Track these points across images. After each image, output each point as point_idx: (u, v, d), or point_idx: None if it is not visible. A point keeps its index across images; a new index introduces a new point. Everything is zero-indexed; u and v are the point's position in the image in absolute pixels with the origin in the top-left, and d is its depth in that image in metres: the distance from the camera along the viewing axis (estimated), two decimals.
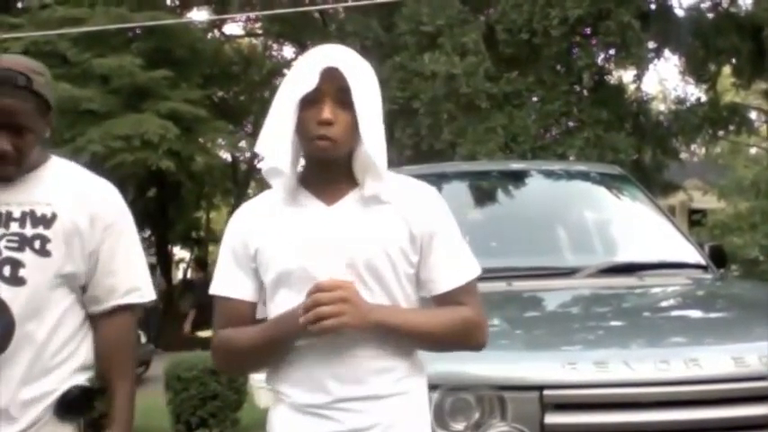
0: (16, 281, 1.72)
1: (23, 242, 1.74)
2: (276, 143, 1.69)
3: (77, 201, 1.80)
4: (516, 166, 5.53)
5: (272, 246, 1.71)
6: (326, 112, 1.64)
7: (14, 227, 1.74)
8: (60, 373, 1.77)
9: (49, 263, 1.75)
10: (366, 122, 1.67)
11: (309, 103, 1.66)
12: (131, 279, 1.86)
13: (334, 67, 1.66)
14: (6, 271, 1.72)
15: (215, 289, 1.79)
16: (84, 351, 1.82)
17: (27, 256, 1.73)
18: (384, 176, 1.71)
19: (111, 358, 1.83)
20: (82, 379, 1.79)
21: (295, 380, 1.69)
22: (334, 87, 1.66)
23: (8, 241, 1.73)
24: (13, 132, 1.73)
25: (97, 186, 1.87)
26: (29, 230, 1.74)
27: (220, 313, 1.79)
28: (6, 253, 1.73)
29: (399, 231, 1.69)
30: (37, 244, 1.74)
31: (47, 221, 1.76)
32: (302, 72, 1.68)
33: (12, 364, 1.69)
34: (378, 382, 1.66)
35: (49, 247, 1.75)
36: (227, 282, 1.77)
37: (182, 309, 13.33)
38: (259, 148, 1.74)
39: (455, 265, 1.74)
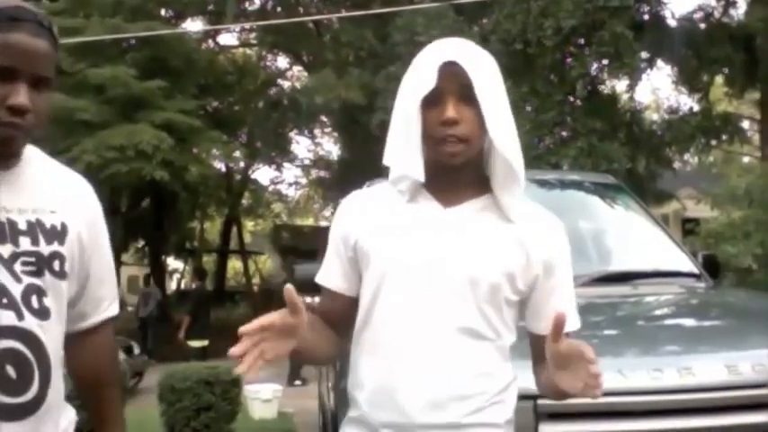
0: (43, 314, 1.41)
1: (41, 263, 1.42)
2: (405, 152, 1.57)
3: (77, 206, 1.53)
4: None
5: (374, 240, 1.58)
6: (450, 111, 1.51)
7: (26, 243, 1.41)
8: (66, 408, 1.55)
9: (63, 286, 1.46)
10: (494, 118, 1.52)
11: (431, 104, 1.53)
12: (113, 286, 1.64)
13: (454, 62, 1.52)
14: (34, 302, 1.39)
15: (318, 278, 1.70)
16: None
17: (47, 281, 1.43)
18: (521, 185, 1.58)
19: (102, 370, 1.63)
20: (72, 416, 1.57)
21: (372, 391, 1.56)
22: (455, 84, 1.52)
23: (24, 264, 1.40)
24: (31, 85, 1.38)
25: (85, 186, 1.61)
26: (44, 248, 1.43)
27: (321, 301, 1.70)
28: (27, 279, 1.39)
29: (513, 254, 1.56)
30: (56, 265, 1.44)
31: (59, 235, 1.46)
32: (419, 72, 1.55)
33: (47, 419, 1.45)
34: (459, 408, 1.52)
35: (66, 267, 1.46)
36: (326, 272, 1.67)
37: (176, 319, 13.28)
38: (388, 159, 1.60)
39: (570, 310, 1.59)
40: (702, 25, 16.02)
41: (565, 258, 1.63)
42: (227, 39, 24.92)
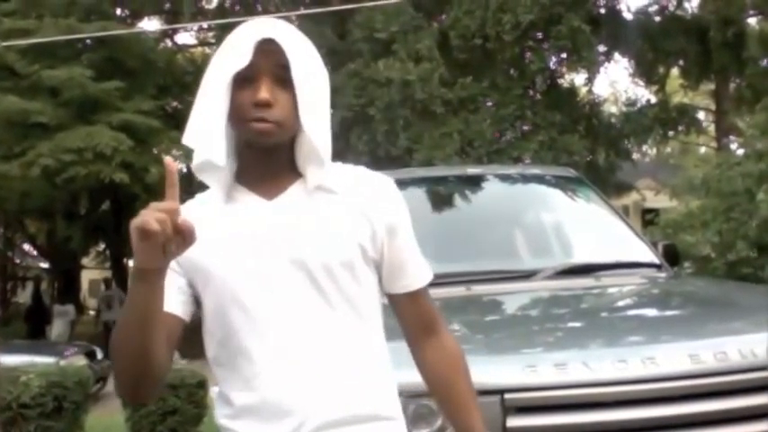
0: None
1: None
2: (207, 132, 1.42)
3: None
4: (472, 170, 5.54)
5: (204, 253, 1.41)
6: (264, 92, 1.39)
7: None
8: None
9: None
10: (307, 104, 1.42)
11: (243, 82, 1.41)
12: None
13: (271, 40, 1.41)
14: None
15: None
16: None
17: None
18: (327, 163, 1.47)
19: None
20: None
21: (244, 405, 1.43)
22: (271, 63, 1.41)
23: None
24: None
25: None
26: None
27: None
28: None
29: (356, 226, 1.46)
30: None
31: None
32: (234, 47, 1.43)
33: None
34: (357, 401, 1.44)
35: None
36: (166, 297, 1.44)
37: None
38: (187, 139, 1.45)
39: (420, 263, 1.56)
40: (657, 18, 16.27)
41: (404, 214, 1.55)
42: (185, 38, 24.69)
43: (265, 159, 1.47)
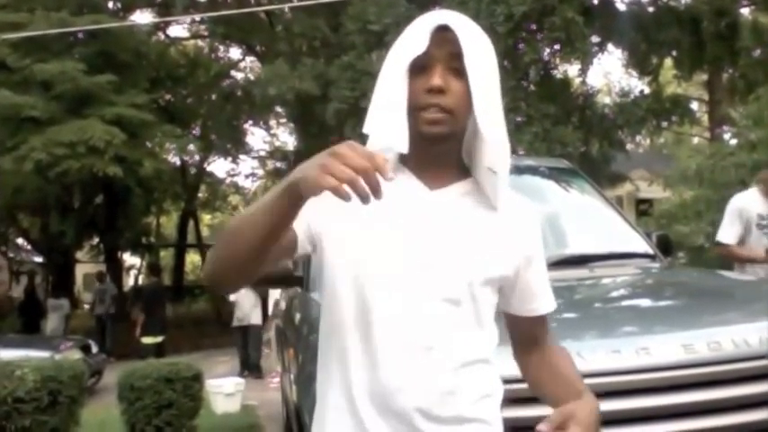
0: None
1: None
2: (388, 118, 1.41)
3: None
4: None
5: (357, 231, 1.43)
6: (437, 79, 1.40)
7: None
8: None
9: None
10: (481, 94, 1.40)
11: (418, 70, 1.42)
12: None
13: (447, 27, 1.41)
14: None
15: None
16: None
17: None
18: (506, 173, 1.48)
19: None
20: None
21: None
22: (445, 52, 1.41)
23: None
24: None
25: None
26: None
27: None
28: None
29: (506, 250, 1.50)
30: None
31: None
32: (411, 36, 1.44)
33: None
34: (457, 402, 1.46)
35: None
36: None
37: (132, 316, 13.13)
38: (369, 127, 1.44)
39: (548, 292, 1.61)
40: (651, 9, 16.25)
41: (541, 244, 1.59)
42: (178, 31, 24.59)
43: (435, 150, 1.46)
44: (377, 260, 1.43)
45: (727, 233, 4.93)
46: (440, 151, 1.47)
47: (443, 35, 1.41)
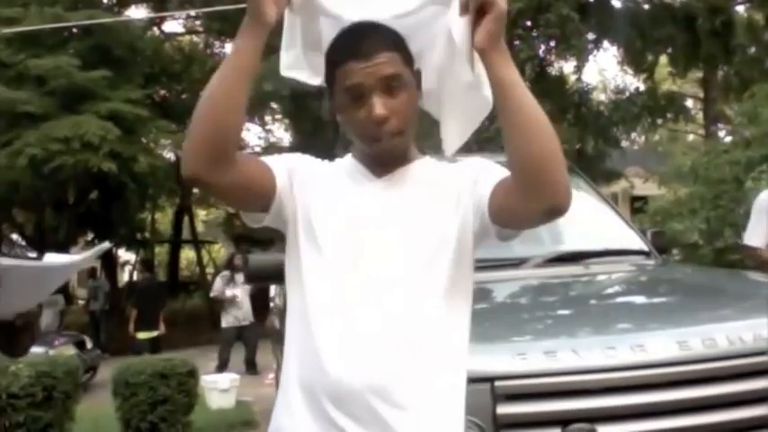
0: None
1: None
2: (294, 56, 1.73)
3: None
4: (462, 159, 5.54)
5: (314, 197, 1.52)
6: (379, 109, 1.48)
7: None
8: None
9: None
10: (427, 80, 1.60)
11: (353, 97, 1.52)
12: None
13: (368, 55, 1.48)
14: None
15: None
16: None
17: None
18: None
19: None
20: None
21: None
22: (374, 80, 1.49)
23: None
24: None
25: None
26: None
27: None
28: None
29: (448, 214, 1.51)
30: None
31: None
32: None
33: None
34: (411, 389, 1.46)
35: None
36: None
37: (127, 312, 13.10)
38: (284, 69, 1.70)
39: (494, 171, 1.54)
40: (646, 6, 16.26)
41: (484, 166, 1.56)
42: (173, 26, 24.53)
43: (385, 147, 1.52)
44: (313, 248, 1.49)
45: (755, 234, 4.23)
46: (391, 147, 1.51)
47: (369, 66, 1.43)
